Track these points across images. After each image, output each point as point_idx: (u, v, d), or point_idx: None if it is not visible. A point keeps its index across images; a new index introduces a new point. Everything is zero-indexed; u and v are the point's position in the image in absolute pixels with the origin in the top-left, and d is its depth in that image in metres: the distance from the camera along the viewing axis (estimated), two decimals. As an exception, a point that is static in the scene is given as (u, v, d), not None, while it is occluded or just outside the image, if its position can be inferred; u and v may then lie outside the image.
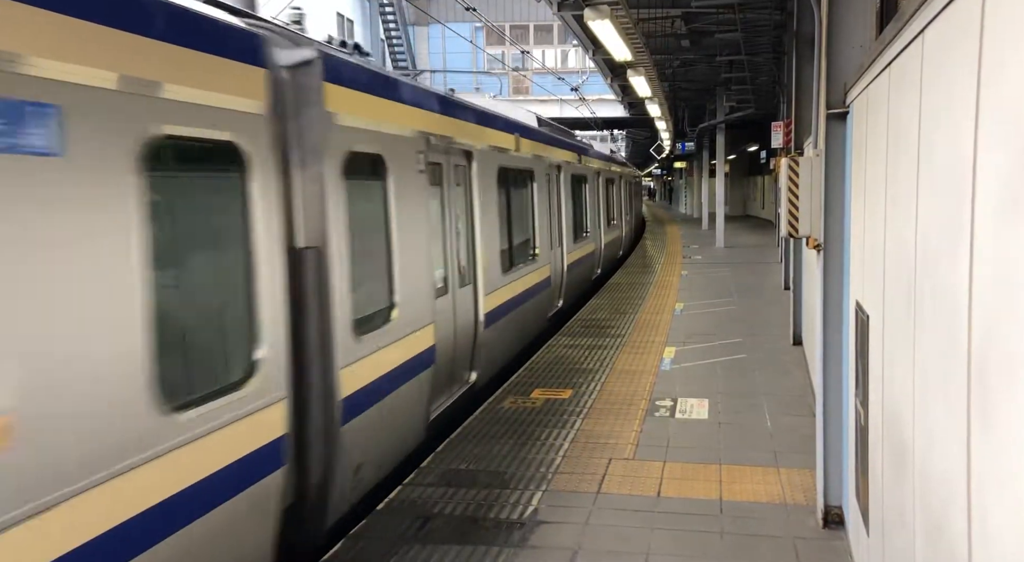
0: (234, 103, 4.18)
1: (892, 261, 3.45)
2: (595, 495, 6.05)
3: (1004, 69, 1.88)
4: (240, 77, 4.25)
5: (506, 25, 40.29)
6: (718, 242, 26.13)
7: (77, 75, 3.19)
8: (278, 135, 4.69)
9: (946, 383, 2.42)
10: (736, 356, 10.54)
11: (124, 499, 3.40)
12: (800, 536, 5.31)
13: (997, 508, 1.90)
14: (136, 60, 3.51)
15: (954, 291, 2.33)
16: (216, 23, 4.17)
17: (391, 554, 5.19)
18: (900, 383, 3.24)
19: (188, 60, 3.86)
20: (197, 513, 3.85)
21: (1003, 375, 1.86)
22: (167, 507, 3.64)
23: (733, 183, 44.02)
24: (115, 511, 3.35)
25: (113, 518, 3.34)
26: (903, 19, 3.13)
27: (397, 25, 19.27)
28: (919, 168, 2.87)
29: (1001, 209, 1.89)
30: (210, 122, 3.99)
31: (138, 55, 3.52)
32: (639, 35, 11.61)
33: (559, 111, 35.75)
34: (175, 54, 3.76)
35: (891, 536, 3.47)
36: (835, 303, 5.51)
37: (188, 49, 3.86)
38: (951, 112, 2.40)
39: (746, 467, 6.53)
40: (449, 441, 7.35)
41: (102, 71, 3.32)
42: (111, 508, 3.33)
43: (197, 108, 3.92)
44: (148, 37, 3.59)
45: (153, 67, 3.61)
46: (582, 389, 9.07)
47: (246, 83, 4.30)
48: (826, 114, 5.43)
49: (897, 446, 3.30)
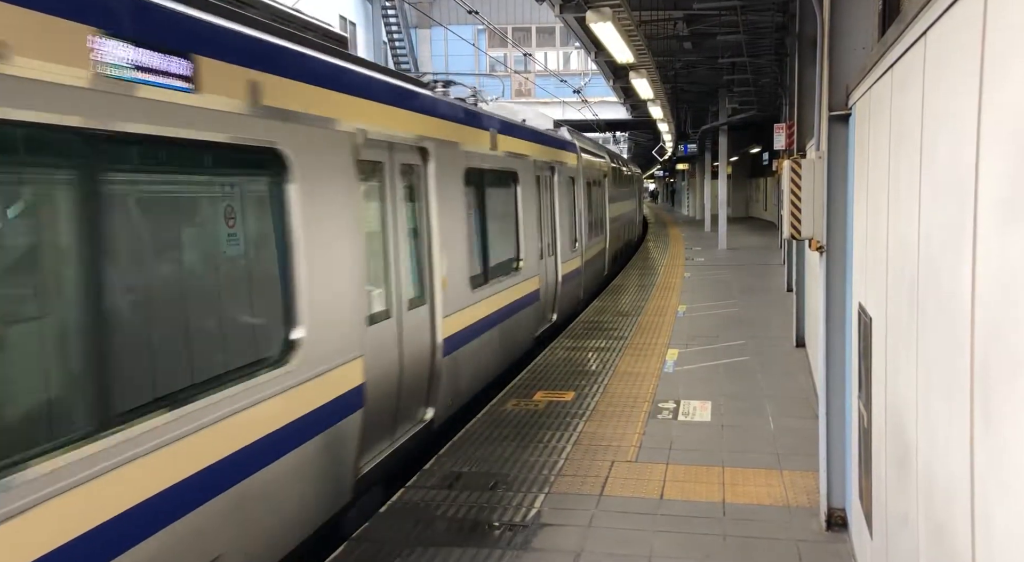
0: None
1: (895, 263, 3.44)
2: (598, 497, 6.04)
3: (1007, 71, 1.88)
4: None
5: (508, 27, 40.30)
6: (720, 244, 26.11)
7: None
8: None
9: (949, 385, 2.42)
10: (739, 358, 10.52)
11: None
12: (803, 538, 5.30)
13: (1001, 510, 1.89)
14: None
15: (957, 293, 2.32)
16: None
17: (393, 556, 5.18)
18: (903, 385, 3.23)
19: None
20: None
21: (1006, 376, 1.86)
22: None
23: (735, 185, 43.96)
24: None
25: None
26: (905, 21, 3.12)
27: (399, 28, 19.31)
28: (922, 170, 2.86)
29: (1004, 211, 1.89)
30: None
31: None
32: (641, 37, 11.62)
33: (561, 113, 35.74)
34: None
35: (895, 538, 3.46)
36: (838, 305, 5.51)
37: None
38: (954, 114, 2.40)
39: (749, 469, 6.52)
40: (452, 444, 7.35)
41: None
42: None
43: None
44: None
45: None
46: (585, 391, 9.06)
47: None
48: (828, 116, 5.42)
49: (900, 448, 3.29)
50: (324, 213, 5.29)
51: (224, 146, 4.38)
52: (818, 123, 5.79)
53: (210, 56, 4.21)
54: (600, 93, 34.44)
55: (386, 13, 19.78)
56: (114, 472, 3.52)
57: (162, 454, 3.80)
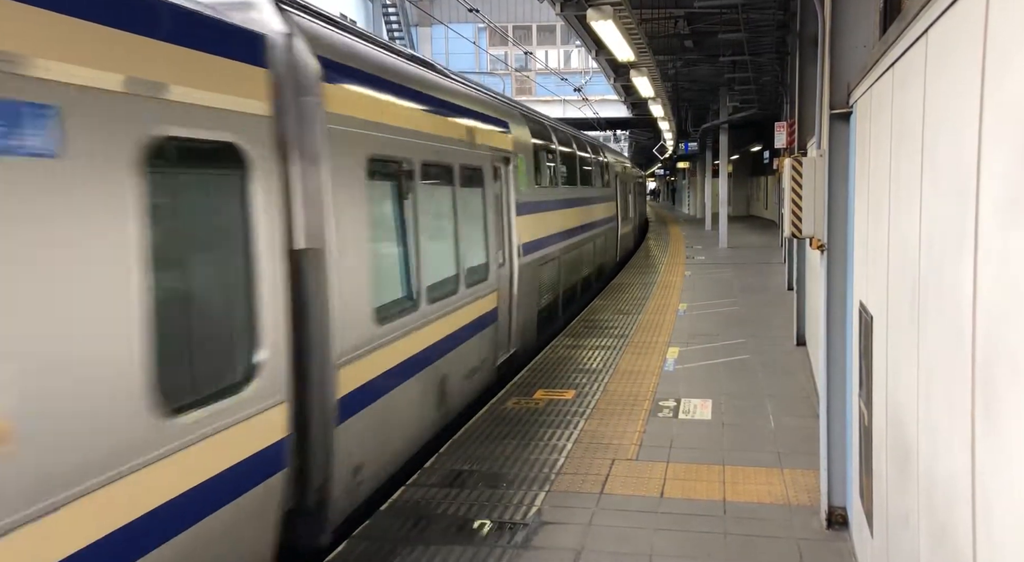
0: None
1: (896, 261, 3.44)
2: (598, 496, 6.04)
3: (1008, 68, 1.88)
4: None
5: (509, 26, 40.30)
6: (721, 242, 26.11)
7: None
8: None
9: (950, 383, 2.42)
10: (739, 357, 10.52)
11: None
12: (804, 537, 5.30)
13: (1002, 508, 1.89)
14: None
15: (958, 291, 2.32)
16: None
17: (394, 554, 5.19)
18: (904, 383, 3.23)
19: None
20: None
21: (1008, 375, 1.85)
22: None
23: (736, 183, 43.99)
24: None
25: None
26: (907, 19, 3.12)
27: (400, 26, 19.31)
28: (923, 168, 2.86)
29: (1005, 209, 1.88)
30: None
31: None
32: (642, 35, 11.61)
33: (562, 111, 35.74)
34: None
35: (895, 537, 3.46)
36: (839, 303, 5.50)
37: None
38: (955, 112, 2.40)
39: (749, 468, 6.52)
40: (452, 442, 7.35)
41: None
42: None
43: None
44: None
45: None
46: (585, 390, 9.06)
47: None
48: (829, 114, 5.42)
49: (901, 447, 3.29)
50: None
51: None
52: (819, 121, 5.79)
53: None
54: (601, 91, 34.45)
55: (387, 11, 19.78)
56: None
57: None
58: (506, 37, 34.73)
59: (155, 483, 3.62)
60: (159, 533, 3.67)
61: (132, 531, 3.49)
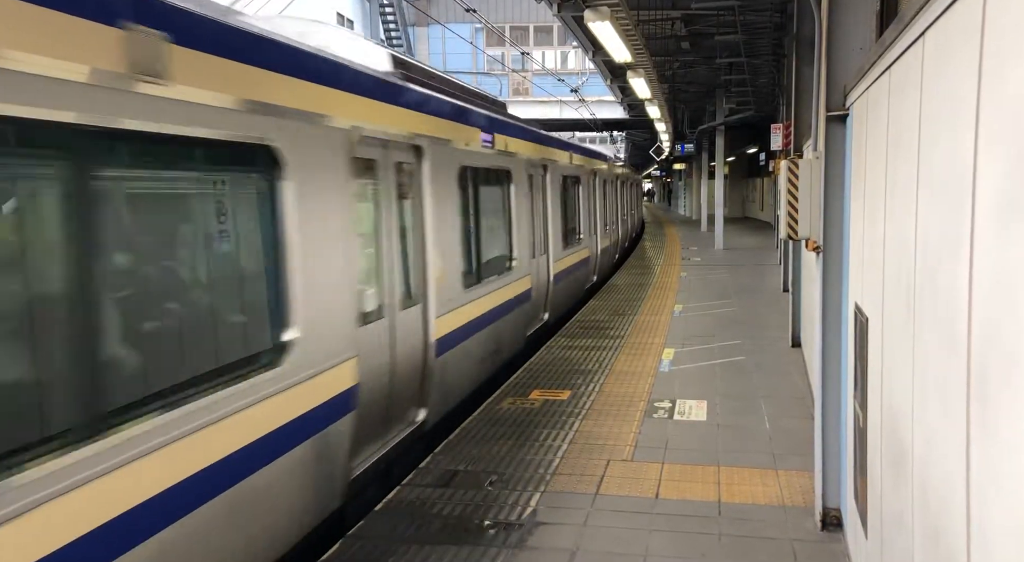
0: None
1: (892, 263, 3.45)
2: (593, 496, 6.05)
3: (1005, 72, 1.88)
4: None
5: (506, 26, 40.32)
6: (717, 244, 26.14)
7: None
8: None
9: (945, 385, 2.42)
10: (735, 358, 10.54)
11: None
12: (798, 538, 5.31)
13: (996, 511, 1.89)
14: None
15: (954, 293, 2.32)
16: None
17: (389, 554, 5.18)
18: (899, 385, 3.23)
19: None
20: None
21: (1003, 378, 1.86)
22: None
23: (732, 185, 44.05)
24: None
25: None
26: (903, 22, 3.13)
27: (397, 26, 19.29)
28: (919, 170, 2.87)
29: (1001, 211, 1.89)
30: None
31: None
32: (639, 37, 11.61)
33: (559, 112, 35.77)
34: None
35: (890, 539, 3.46)
36: (834, 305, 5.52)
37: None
38: (951, 114, 2.40)
39: (744, 469, 6.52)
40: (447, 442, 7.35)
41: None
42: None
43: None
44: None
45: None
46: (580, 390, 9.06)
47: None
48: (826, 116, 5.43)
49: (896, 448, 3.30)
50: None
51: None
52: (815, 123, 5.80)
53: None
54: (598, 92, 34.49)
55: (384, 11, 19.76)
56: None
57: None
58: (503, 37, 34.77)
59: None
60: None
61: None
